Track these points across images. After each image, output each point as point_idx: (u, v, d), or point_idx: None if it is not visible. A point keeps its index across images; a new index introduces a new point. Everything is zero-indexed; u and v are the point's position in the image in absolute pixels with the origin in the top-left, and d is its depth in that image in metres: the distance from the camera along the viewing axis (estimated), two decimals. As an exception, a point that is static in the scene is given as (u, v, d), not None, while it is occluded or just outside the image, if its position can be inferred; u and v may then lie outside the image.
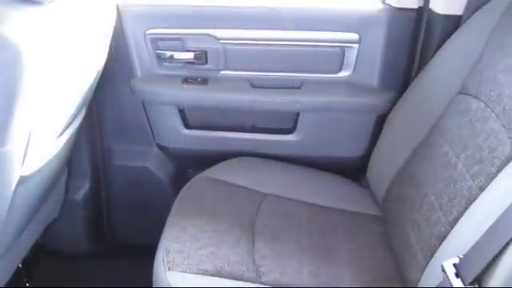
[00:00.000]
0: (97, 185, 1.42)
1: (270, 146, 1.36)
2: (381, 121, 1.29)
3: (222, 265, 0.93)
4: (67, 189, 1.36)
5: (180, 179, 1.33)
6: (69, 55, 0.89)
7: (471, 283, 0.68)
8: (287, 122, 1.35)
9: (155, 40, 1.28)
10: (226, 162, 1.30)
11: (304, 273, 0.96)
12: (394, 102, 1.26)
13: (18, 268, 1.28)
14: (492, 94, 0.93)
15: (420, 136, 1.12)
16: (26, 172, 0.85)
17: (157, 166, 1.41)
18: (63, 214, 1.37)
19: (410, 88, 1.22)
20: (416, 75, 1.23)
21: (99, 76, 1.14)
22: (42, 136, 0.88)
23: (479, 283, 0.68)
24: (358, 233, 1.11)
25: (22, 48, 0.69)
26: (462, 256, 0.73)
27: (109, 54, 1.17)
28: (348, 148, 1.35)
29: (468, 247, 0.73)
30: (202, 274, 0.90)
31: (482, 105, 0.95)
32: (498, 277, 0.66)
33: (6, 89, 0.69)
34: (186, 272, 0.91)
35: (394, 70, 1.28)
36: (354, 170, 1.34)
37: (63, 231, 1.41)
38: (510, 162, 0.77)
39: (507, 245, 0.66)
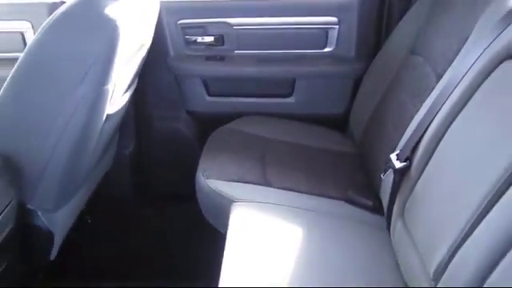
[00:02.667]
0: (140, 143, 1.82)
1: (273, 106, 1.76)
2: (357, 83, 1.69)
3: (243, 176, 1.33)
4: (118, 146, 1.75)
5: (204, 137, 1.72)
6: (134, 35, 1.29)
7: (404, 160, 1.08)
8: (286, 88, 1.75)
9: (184, 28, 1.69)
10: (240, 119, 1.70)
11: (301, 184, 1.35)
12: (367, 68, 1.67)
13: (83, 208, 1.67)
14: (429, 51, 1.33)
15: (384, 88, 1.52)
16: (109, 111, 1.25)
17: (186, 127, 1.80)
18: (114, 167, 1.76)
19: (377, 55, 1.63)
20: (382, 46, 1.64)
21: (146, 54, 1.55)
22: (116, 90, 1.28)
23: (410, 161, 1.08)
24: (340, 162, 1.51)
25: (116, 25, 1.09)
26: (400, 150, 1.13)
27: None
28: (333, 106, 1.75)
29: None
30: (229, 181, 1.31)
31: (422, 59, 1.35)
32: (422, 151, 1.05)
33: (108, 51, 1.09)
34: (217, 179, 1.31)
35: (367, 43, 1.68)
36: (339, 123, 1.74)
37: (114, 181, 1.80)
38: (433, 89, 1.16)
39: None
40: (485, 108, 0.92)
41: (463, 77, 1.00)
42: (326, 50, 1.70)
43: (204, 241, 1.32)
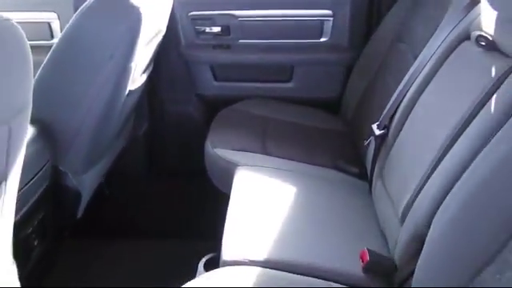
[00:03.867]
0: (153, 123, 2.01)
1: (274, 91, 1.95)
2: (350, 70, 1.88)
3: (245, 146, 1.52)
4: (133, 126, 1.95)
5: (211, 118, 1.90)
6: (152, 22, 1.48)
7: (382, 128, 1.27)
8: (285, 74, 1.94)
9: (194, 19, 1.88)
10: (243, 101, 1.89)
11: (296, 154, 1.54)
12: (358, 56, 1.85)
13: (101, 181, 1.86)
14: (410, 37, 1.52)
15: (372, 74, 1.71)
16: (131, 88, 1.45)
17: (195, 109, 1.99)
18: (129, 145, 1.94)
19: (367, 44, 1.81)
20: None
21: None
22: (137, 69, 1.47)
23: (388, 128, 1.26)
24: (331, 138, 1.70)
25: (139, 12, 1.28)
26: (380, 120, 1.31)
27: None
28: (328, 90, 1.94)
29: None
30: (233, 150, 1.50)
31: (405, 46, 1.54)
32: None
33: (132, 33, 1.28)
34: (223, 149, 1.51)
35: (358, 33, 1.87)
36: (333, 106, 1.92)
37: (129, 158, 1.98)
38: (410, 69, 1.34)
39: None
40: (446, 80, 1.11)
41: (431, 56, 1.19)
42: (322, 39, 1.89)
43: (211, 206, 1.50)
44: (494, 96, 0.89)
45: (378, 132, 1.29)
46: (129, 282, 1.50)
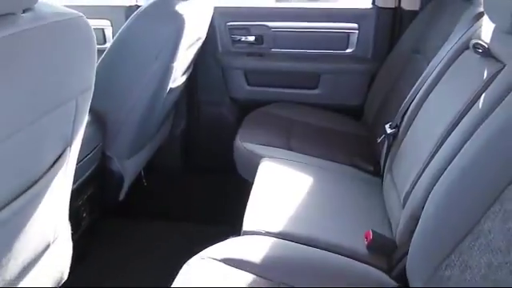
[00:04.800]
0: (190, 122, 2.21)
1: (301, 96, 2.11)
2: (372, 79, 2.02)
3: (271, 142, 1.69)
4: (172, 125, 2.14)
5: (242, 119, 2.08)
6: (194, 28, 1.67)
7: (394, 127, 1.40)
8: (312, 81, 2.10)
9: (231, 29, 2.07)
10: (272, 104, 2.06)
11: (317, 151, 1.68)
12: (380, 67, 2.00)
13: (140, 173, 2.05)
14: (425, 48, 1.66)
15: (391, 83, 1.84)
16: (172, 86, 1.64)
17: (228, 111, 2.18)
18: (167, 141, 2.14)
19: (388, 56, 1.96)
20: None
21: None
22: (178, 69, 1.66)
23: (398, 127, 1.40)
24: (351, 140, 1.84)
25: (183, 18, 1.47)
26: (392, 120, 1.45)
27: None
28: (351, 98, 2.08)
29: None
30: (260, 144, 1.67)
31: (420, 56, 1.68)
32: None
33: (176, 37, 1.48)
34: (251, 143, 1.68)
35: (381, 46, 2.02)
36: (355, 113, 2.07)
37: (166, 154, 2.18)
38: (424, 74, 1.47)
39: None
40: (447, 84, 1.25)
41: (439, 63, 1.33)
42: (348, 51, 2.05)
43: (239, 197, 1.65)
44: (483, 95, 1.02)
45: (389, 131, 1.44)
46: (160, 258, 1.67)
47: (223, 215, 1.88)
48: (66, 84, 0.92)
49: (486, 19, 1.21)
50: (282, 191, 1.39)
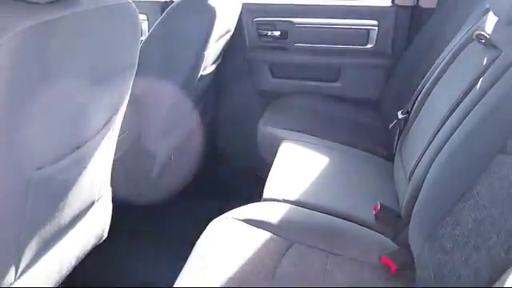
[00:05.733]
0: (218, 111, 2.36)
1: (322, 88, 2.24)
2: (390, 73, 2.14)
3: (292, 127, 1.82)
4: (201, 113, 2.30)
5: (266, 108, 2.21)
6: (224, 21, 1.82)
7: (405, 113, 1.52)
8: (333, 75, 2.23)
9: (258, 24, 2.22)
10: (295, 95, 2.19)
11: (335, 136, 1.81)
12: (398, 61, 2.11)
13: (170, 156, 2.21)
14: (440, 42, 1.76)
15: (407, 78, 1.95)
16: (203, 73, 1.80)
17: (254, 101, 2.32)
18: (196, 129, 2.29)
19: (406, 52, 2.07)
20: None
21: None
22: (209, 58, 1.81)
23: (409, 113, 1.52)
24: (368, 129, 1.96)
25: (215, 11, 1.63)
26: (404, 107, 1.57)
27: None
28: (370, 91, 2.20)
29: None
30: (281, 128, 1.81)
31: (435, 51, 1.78)
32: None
33: (207, 28, 1.63)
34: (273, 127, 1.82)
35: (399, 42, 2.13)
36: (374, 105, 2.18)
37: (195, 140, 2.33)
38: (434, 65, 1.58)
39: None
40: (453, 72, 1.36)
41: (448, 54, 1.44)
42: (368, 46, 2.17)
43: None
44: (481, 78, 1.14)
45: (400, 116, 1.55)
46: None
47: (242, 191, 2.02)
48: (115, 59, 1.07)
49: (491, 13, 1.32)
50: (299, 167, 1.52)
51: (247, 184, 1.94)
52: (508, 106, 0.99)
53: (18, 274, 0.98)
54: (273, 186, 1.39)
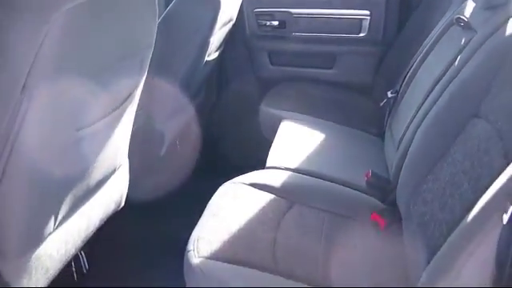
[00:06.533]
0: (219, 97, 2.50)
1: (318, 75, 2.38)
2: (382, 60, 2.29)
3: (290, 108, 1.97)
4: (203, 98, 2.44)
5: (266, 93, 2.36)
6: (226, 11, 1.97)
7: (394, 92, 1.67)
8: (329, 62, 2.37)
9: (258, 14, 2.36)
10: (292, 81, 2.34)
11: (329, 116, 1.96)
12: (390, 49, 2.26)
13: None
14: (428, 28, 1.92)
15: (397, 63, 2.10)
16: (207, 58, 1.94)
17: (254, 87, 2.46)
18: (200, 113, 2.43)
19: (397, 39, 2.22)
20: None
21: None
22: (212, 45, 1.96)
23: (398, 92, 1.67)
24: (361, 109, 2.11)
25: (219, 1, 1.77)
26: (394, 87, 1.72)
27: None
28: (363, 76, 2.35)
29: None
30: (280, 110, 1.96)
31: (424, 37, 1.94)
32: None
33: (212, 17, 1.78)
34: (273, 108, 1.97)
35: (390, 30, 2.28)
36: (366, 90, 2.33)
37: (199, 124, 2.47)
38: (420, 48, 1.74)
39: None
40: (437, 53, 1.51)
41: (432, 37, 1.59)
42: (360, 34, 2.32)
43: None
44: (459, 57, 1.29)
45: (390, 95, 1.71)
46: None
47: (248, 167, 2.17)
48: (135, 39, 1.22)
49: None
50: (298, 141, 1.68)
51: (250, 161, 2.10)
52: (480, 77, 1.14)
53: (56, 225, 1.12)
54: (275, 156, 1.54)
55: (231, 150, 2.41)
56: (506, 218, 0.73)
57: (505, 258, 0.71)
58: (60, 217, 1.12)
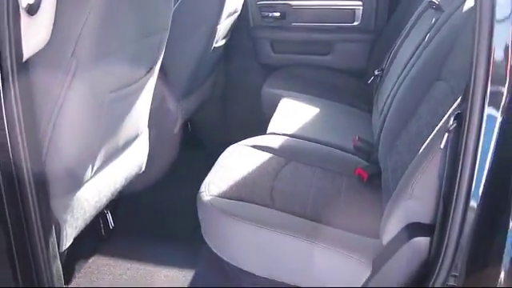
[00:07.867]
0: (226, 82, 2.73)
1: (315, 61, 2.62)
2: (373, 46, 2.51)
3: (289, 89, 2.20)
4: (212, 84, 2.67)
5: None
6: (232, 3, 2.20)
7: (380, 70, 1.90)
8: (325, 49, 2.60)
9: (261, 6, 2.60)
10: (292, 66, 2.57)
11: (323, 96, 2.19)
12: (380, 36, 2.48)
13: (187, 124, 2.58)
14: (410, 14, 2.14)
15: (387, 49, 2.32)
16: (215, 45, 2.17)
17: (257, 74, 2.69)
18: (209, 97, 2.66)
19: (386, 27, 2.45)
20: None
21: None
22: (219, 33, 2.19)
23: (383, 70, 1.89)
24: (353, 90, 2.34)
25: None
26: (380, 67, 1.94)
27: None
28: (356, 62, 2.57)
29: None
30: (280, 89, 2.19)
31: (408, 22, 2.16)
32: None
33: (219, 7, 2.01)
34: (274, 89, 2.20)
35: (381, 19, 2.51)
36: (359, 74, 2.55)
37: (207, 107, 2.70)
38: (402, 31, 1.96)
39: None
40: (413, 35, 1.74)
41: (412, 21, 1.82)
42: (354, 23, 2.55)
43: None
44: (428, 34, 1.51)
45: (376, 73, 1.94)
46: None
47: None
48: (154, 20, 1.45)
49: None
50: (295, 114, 1.91)
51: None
52: (443, 46, 1.36)
53: (92, 174, 1.36)
54: (274, 124, 1.78)
55: (236, 128, 2.65)
56: (443, 143, 0.96)
57: (447, 172, 0.95)
58: (95, 168, 1.36)
